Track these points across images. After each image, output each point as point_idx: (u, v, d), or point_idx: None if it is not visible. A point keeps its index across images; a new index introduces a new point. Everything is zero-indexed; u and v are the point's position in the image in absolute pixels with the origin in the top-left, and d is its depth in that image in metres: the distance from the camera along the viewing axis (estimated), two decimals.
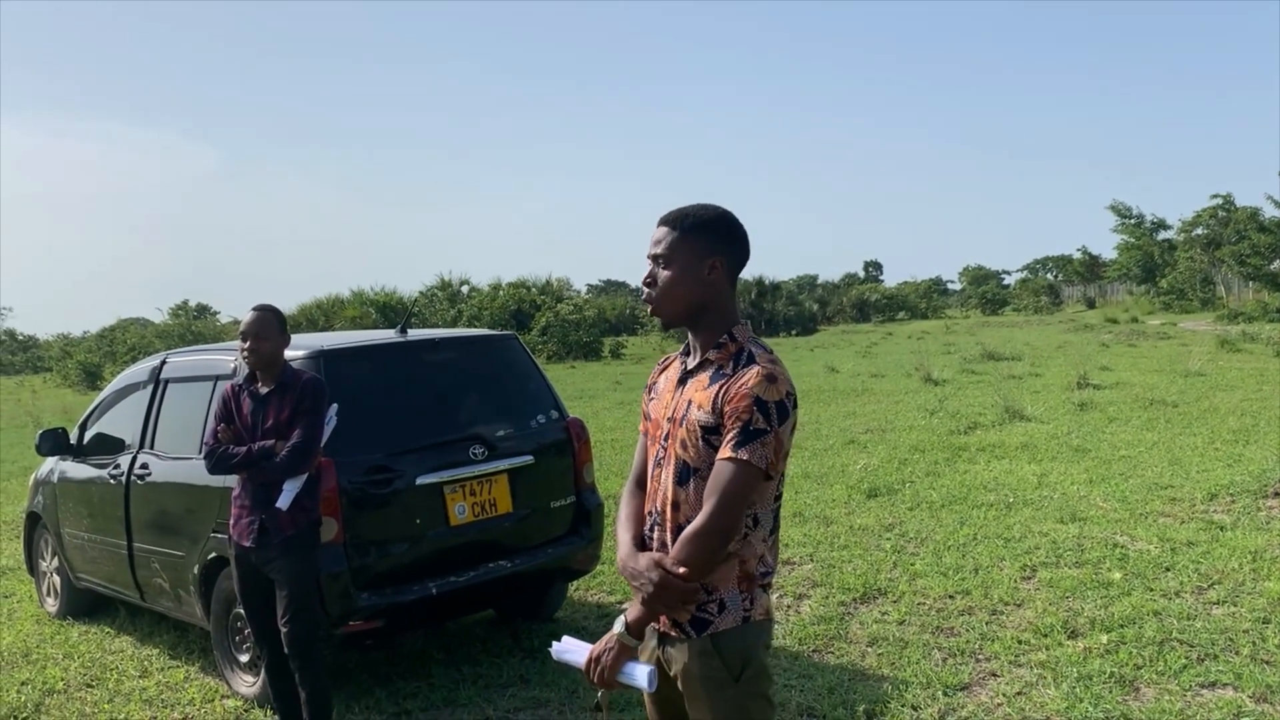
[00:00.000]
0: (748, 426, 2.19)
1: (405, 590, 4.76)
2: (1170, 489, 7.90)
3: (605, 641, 2.31)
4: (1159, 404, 12.62)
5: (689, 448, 2.29)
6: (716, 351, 2.33)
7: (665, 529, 2.33)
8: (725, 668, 2.26)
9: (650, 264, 2.37)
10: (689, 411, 2.30)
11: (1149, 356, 20.48)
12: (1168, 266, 46.79)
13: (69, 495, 6.45)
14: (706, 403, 2.26)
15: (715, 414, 2.24)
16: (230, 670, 5.13)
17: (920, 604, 5.62)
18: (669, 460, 2.34)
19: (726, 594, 2.27)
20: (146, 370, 6.14)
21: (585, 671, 2.32)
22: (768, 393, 2.20)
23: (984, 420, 12.19)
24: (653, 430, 2.45)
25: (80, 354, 49.11)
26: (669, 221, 2.36)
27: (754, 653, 2.29)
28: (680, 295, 2.33)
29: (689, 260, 2.32)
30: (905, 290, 67.38)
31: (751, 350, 2.30)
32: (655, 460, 2.40)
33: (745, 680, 2.26)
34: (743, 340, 2.33)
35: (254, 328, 4.21)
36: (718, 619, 2.27)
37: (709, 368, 2.32)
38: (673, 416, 2.35)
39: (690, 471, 2.28)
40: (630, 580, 2.31)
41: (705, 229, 2.34)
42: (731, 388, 2.23)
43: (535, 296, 42.38)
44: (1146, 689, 4.33)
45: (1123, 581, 5.70)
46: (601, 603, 6.21)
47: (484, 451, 5.09)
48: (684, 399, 2.34)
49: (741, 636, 2.27)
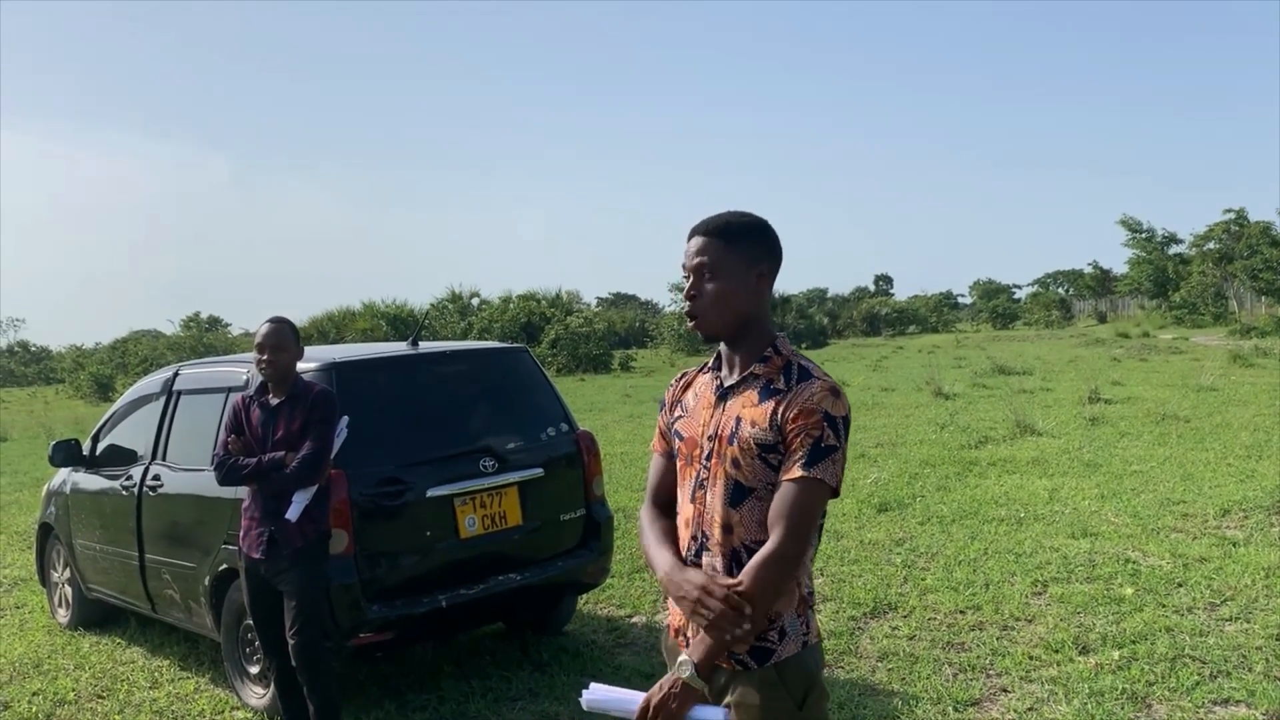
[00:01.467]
0: (819, 443, 2.11)
1: (415, 602, 4.76)
2: (1182, 504, 7.86)
3: (667, 687, 2.15)
4: (1171, 419, 12.57)
5: (742, 467, 2.18)
6: (762, 365, 2.23)
7: (715, 553, 2.21)
8: (790, 696, 2.16)
9: (692, 275, 2.25)
10: (739, 429, 2.19)
11: (1161, 371, 20.41)
12: (1180, 281, 46.65)
13: (81, 506, 6.47)
14: (763, 419, 2.16)
15: (775, 431, 2.15)
16: (240, 682, 5.14)
17: (931, 619, 5.60)
18: (715, 481, 2.22)
19: (788, 620, 2.18)
20: (159, 382, 6.17)
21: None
22: (835, 408, 2.14)
23: (995, 435, 12.15)
24: (688, 450, 2.31)
25: (92, 365, 49.29)
26: (712, 231, 2.25)
27: (815, 677, 2.21)
28: (731, 307, 2.23)
29: (737, 270, 2.22)
30: (916, 304, 67.26)
31: (802, 364, 2.22)
32: (695, 482, 2.27)
33: (808, 706, 2.18)
34: (788, 354, 2.25)
35: (272, 339, 4.23)
36: (780, 647, 2.17)
37: (755, 383, 2.23)
38: (716, 434, 2.24)
39: (746, 492, 2.18)
40: (674, 594, 2.19)
41: (750, 237, 2.26)
42: (794, 403, 2.14)
43: (545, 309, 42.42)
44: (1158, 705, 4.30)
45: (1135, 597, 5.67)
46: (611, 616, 6.21)
47: (494, 464, 5.10)
48: (728, 416, 2.23)
49: (803, 662, 2.19)
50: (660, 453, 2.45)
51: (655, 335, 50.03)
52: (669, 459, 2.42)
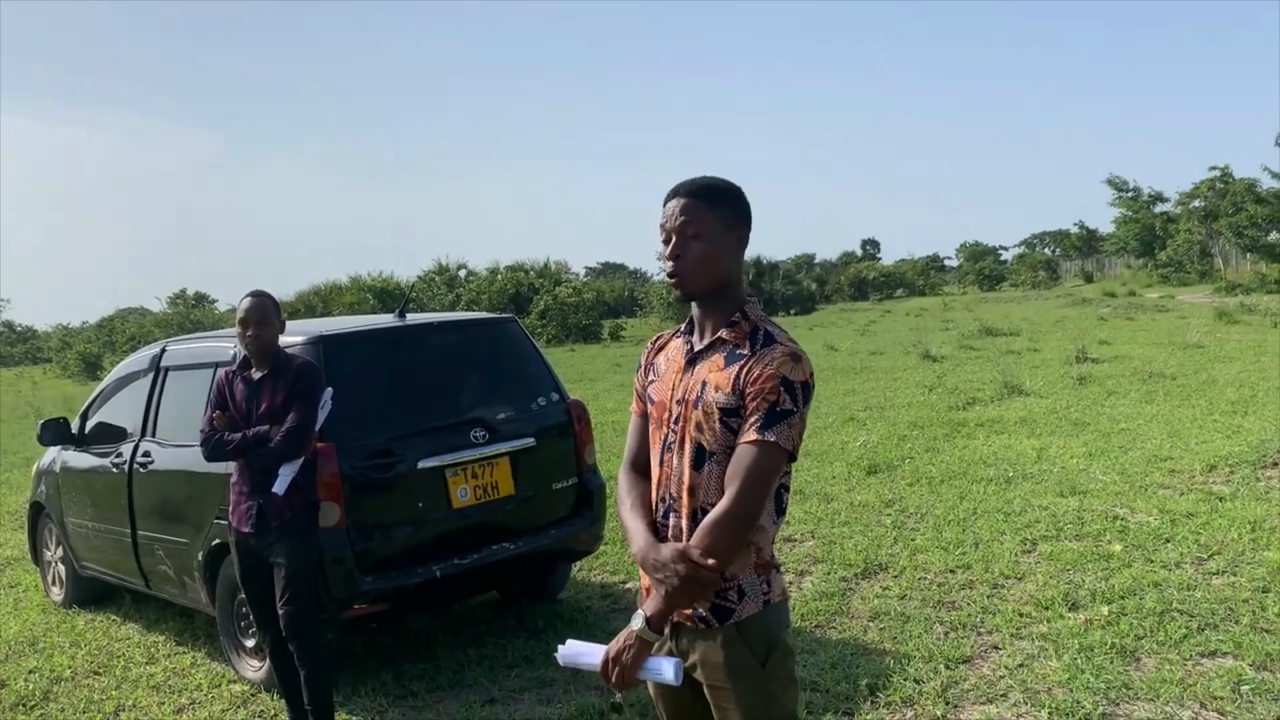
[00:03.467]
0: (775, 407, 2.14)
1: (409, 573, 4.78)
2: (1170, 461, 7.92)
3: (623, 639, 2.22)
4: (1158, 377, 12.64)
5: (705, 430, 2.22)
6: (730, 330, 2.26)
7: (681, 515, 2.26)
8: (751, 654, 2.22)
9: (675, 236, 2.26)
10: (704, 393, 2.23)
11: (1147, 329, 20.50)
12: (1166, 239, 46.72)
13: (72, 485, 6.46)
14: (726, 384, 2.20)
15: (736, 395, 2.18)
16: (236, 655, 5.16)
17: (921, 579, 5.64)
18: (682, 444, 2.27)
19: (745, 580, 2.23)
20: (147, 358, 6.15)
21: (602, 673, 2.23)
22: (794, 373, 2.16)
23: (983, 396, 12.21)
24: (658, 413, 2.36)
25: (80, 344, 49.12)
26: (695, 193, 2.27)
27: (778, 635, 2.25)
28: (713, 268, 2.25)
29: (719, 232, 2.25)
30: (903, 268, 67.21)
31: (768, 329, 2.25)
32: (664, 445, 2.32)
33: (771, 664, 2.23)
34: (756, 319, 2.28)
35: (256, 314, 4.21)
36: (739, 606, 2.22)
37: (722, 348, 2.26)
38: (684, 399, 2.28)
39: (707, 455, 2.22)
40: (652, 573, 2.22)
41: (731, 201, 2.29)
42: (754, 368, 2.17)
43: (534, 280, 42.34)
44: (1147, 659, 4.36)
45: (1123, 553, 5.73)
46: (605, 583, 6.24)
47: (485, 434, 5.10)
48: (695, 380, 2.27)
49: (764, 621, 2.24)
50: (638, 414, 2.49)
51: (645, 304, 50.02)
52: (644, 419, 2.45)
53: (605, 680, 2.24)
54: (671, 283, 2.31)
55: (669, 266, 2.29)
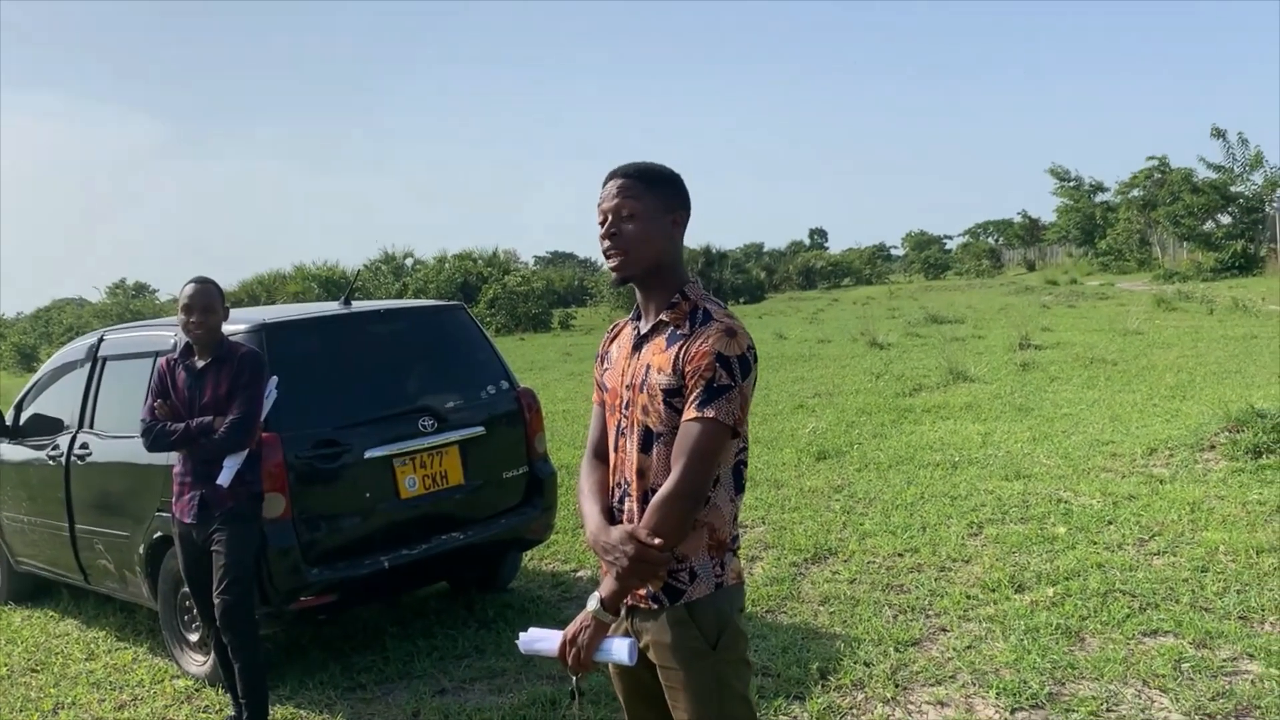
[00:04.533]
0: (711, 384, 2.16)
1: (357, 564, 4.72)
2: (1111, 445, 8.06)
3: (579, 622, 2.25)
4: (1099, 362, 12.85)
5: (651, 413, 2.25)
6: (670, 312, 2.28)
7: (634, 498, 2.28)
8: (701, 636, 2.22)
9: (611, 216, 2.28)
10: (648, 376, 2.26)
11: (1088, 317, 20.83)
12: (1106, 228, 47.52)
13: (6, 478, 6.29)
14: (666, 365, 2.22)
15: (676, 375, 2.21)
16: (180, 650, 5.06)
17: (870, 563, 5.69)
18: (632, 428, 2.29)
19: (697, 562, 2.24)
20: (84, 348, 5.99)
21: (560, 656, 2.26)
22: (729, 348, 2.17)
23: (929, 382, 12.33)
24: (611, 400, 2.39)
25: (14, 335, 47.92)
26: (631, 174, 2.29)
27: (729, 618, 2.26)
28: (648, 249, 2.26)
29: (655, 213, 2.27)
30: (850, 257, 67.68)
31: (707, 308, 2.27)
32: (618, 430, 2.35)
33: (722, 647, 2.24)
34: (696, 298, 2.29)
35: (201, 300, 4.11)
36: (690, 587, 2.23)
37: (664, 330, 2.28)
38: (631, 383, 2.31)
39: (654, 437, 2.24)
40: (602, 555, 2.25)
41: (667, 183, 2.31)
42: (691, 347, 2.19)
43: (482, 269, 42.05)
44: (1091, 639, 4.42)
45: (1067, 536, 5.82)
46: (556, 571, 6.22)
47: (434, 423, 5.05)
48: (641, 364, 2.29)
49: (715, 603, 2.24)
50: (598, 402, 2.51)
51: (595, 293, 49.91)
52: (604, 407, 2.47)
53: (563, 663, 2.26)
54: (608, 265, 2.31)
55: (604, 246, 2.30)
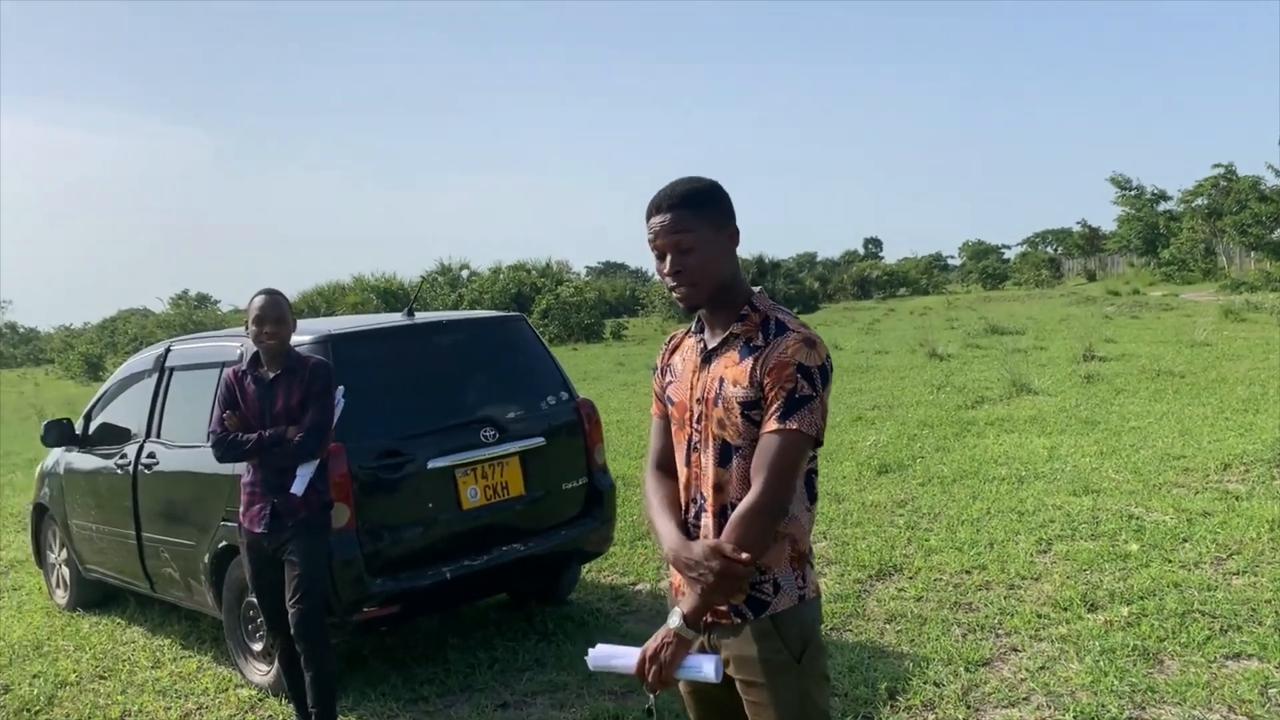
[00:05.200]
0: (793, 395, 2.13)
1: (419, 575, 4.71)
2: (1183, 459, 7.84)
3: (660, 639, 2.20)
4: (1166, 375, 12.55)
5: (728, 427, 2.21)
6: (741, 324, 2.24)
7: (710, 513, 2.24)
8: (786, 649, 2.19)
9: (670, 253, 2.22)
10: (722, 389, 2.21)
11: (1153, 328, 20.40)
12: (1170, 237, 46.55)
13: (76, 486, 6.40)
14: (743, 378, 2.18)
15: (755, 388, 2.17)
16: (244, 659, 5.09)
17: (936, 580, 5.57)
18: (706, 442, 2.25)
19: (780, 574, 2.21)
20: (151, 358, 6.07)
21: (638, 674, 2.21)
22: (809, 358, 2.15)
23: (991, 394, 12.13)
24: (679, 414, 2.35)
25: (82, 345, 49.16)
26: (679, 204, 2.22)
27: (813, 631, 2.24)
28: (714, 275, 2.23)
29: (712, 236, 2.23)
30: (906, 266, 67.01)
31: (779, 318, 2.23)
32: (689, 445, 2.31)
33: (806, 660, 2.20)
34: (765, 309, 2.25)
35: (273, 311, 4.15)
36: (774, 600, 2.20)
37: (735, 342, 2.24)
38: (703, 397, 2.26)
39: (732, 451, 2.21)
40: (685, 571, 2.20)
41: (714, 201, 2.26)
42: (770, 358, 2.16)
43: (535, 279, 42.34)
44: (1170, 661, 4.28)
45: (1140, 553, 5.65)
46: (615, 584, 6.17)
47: (495, 434, 5.04)
48: (713, 378, 2.25)
49: (799, 616, 2.21)
50: (658, 415, 2.47)
51: (646, 303, 49.94)
52: (666, 420, 2.44)
53: (641, 681, 2.21)
54: (675, 297, 2.28)
55: (670, 283, 2.26)
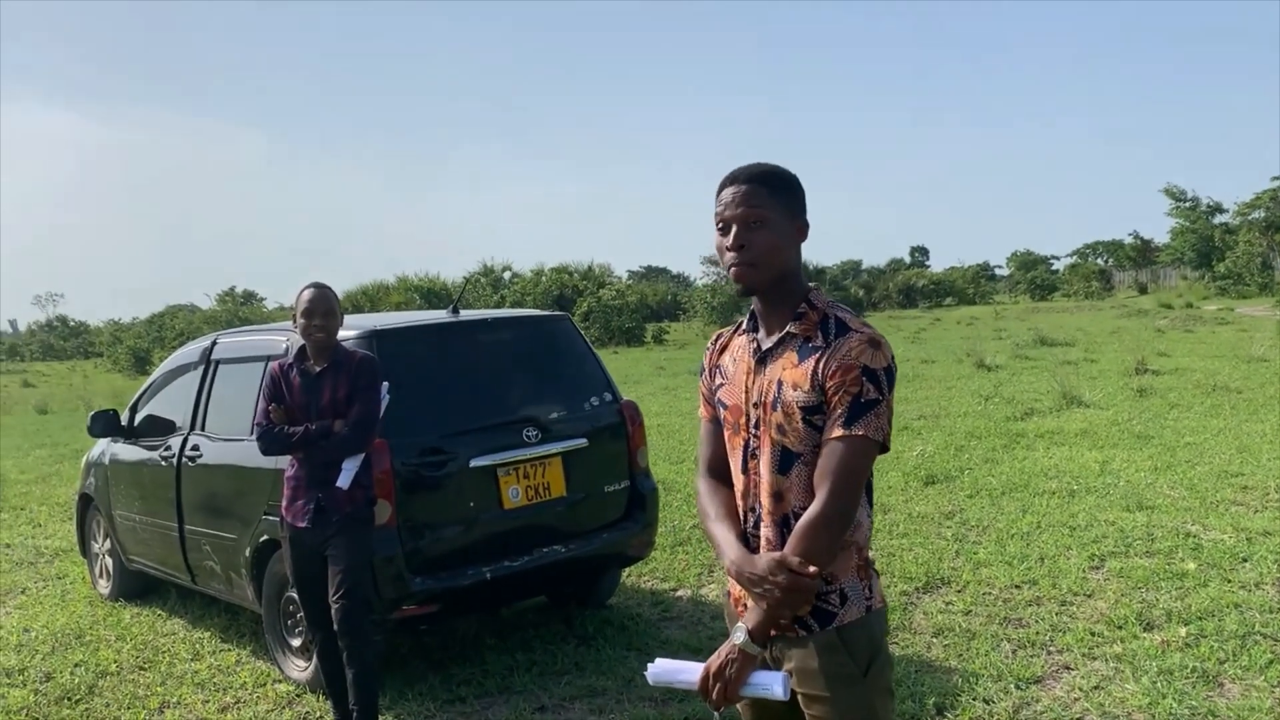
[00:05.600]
0: (859, 399, 2.02)
1: (459, 574, 4.66)
2: (1240, 477, 7.63)
3: (724, 654, 2.10)
4: (1222, 390, 12.26)
5: (788, 432, 2.09)
6: (799, 323, 2.12)
7: (769, 523, 2.13)
8: (853, 662, 2.08)
9: (737, 225, 2.10)
10: (781, 393, 2.10)
11: (1208, 342, 19.98)
12: (1225, 251, 45.62)
13: (120, 477, 6.43)
14: (803, 381, 2.07)
15: (816, 391, 2.06)
16: (282, 654, 5.07)
17: (985, 594, 5.43)
18: (764, 448, 2.14)
19: (847, 584, 2.11)
20: (197, 351, 6.09)
21: (701, 690, 2.11)
22: (874, 360, 2.04)
23: (1040, 406, 11.91)
24: (733, 418, 2.23)
25: (130, 339, 49.91)
26: (755, 179, 2.12)
27: (880, 643, 2.13)
28: (778, 258, 2.11)
29: (782, 220, 2.12)
30: (953, 276, 66.25)
31: (839, 316, 2.12)
32: (745, 451, 2.19)
33: (873, 674, 2.10)
34: (824, 307, 2.14)
35: (322, 305, 4.13)
36: (842, 611, 2.09)
37: (792, 342, 2.13)
38: (760, 401, 2.14)
39: (794, 458, 2.10)
40: (749, 586, 2.10)
41: (791, 189, 2.15)
42: (832, 360, 2.05)
43: (577, 282, 42.38)
44: (1231, 685, 4.12)
45: (1198, 572, 5.48)
46: (655, 589, 6.09)
47: (537, 434, 4.98)
48: (769, 380, 2.13)
49: (867, 627, 2.11)
50: (708, 418, 2.35)
51: (688, 308, 49.81)
52: (716, 424, 2.32)
53: (705, 698, 2.11)
54: (733, 274, 2.14)
55: (730, 258, 2.13)
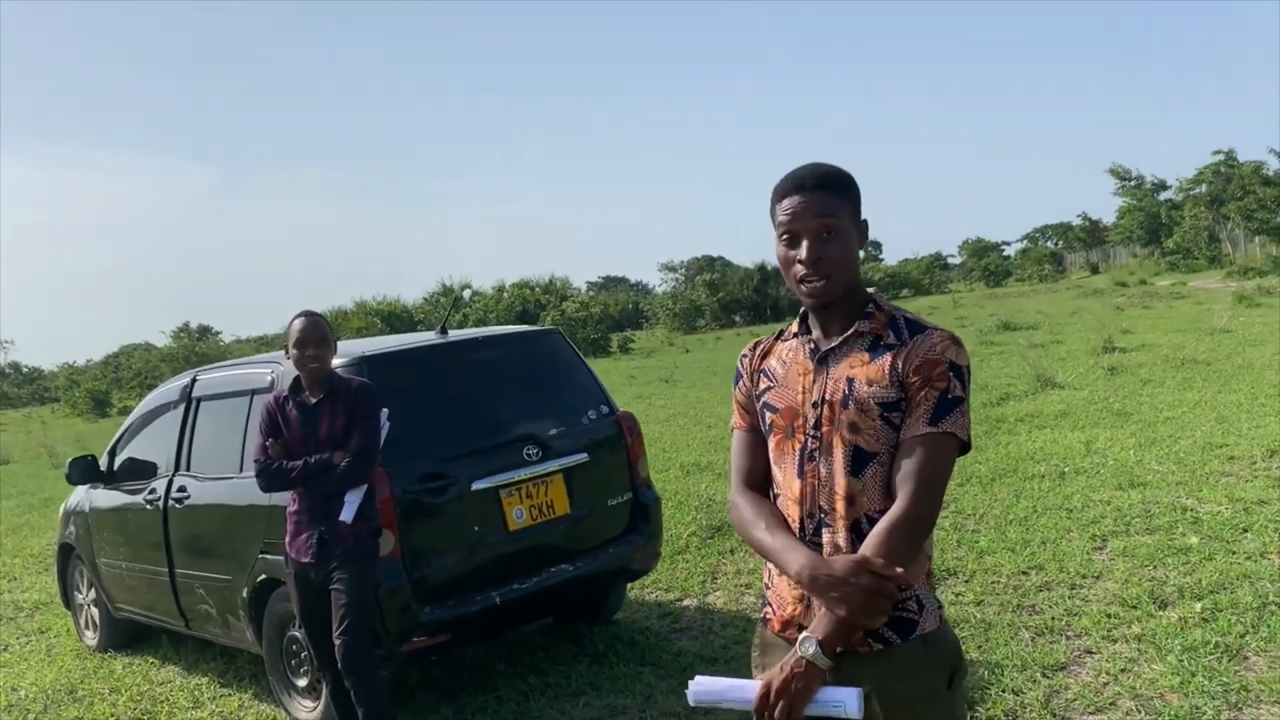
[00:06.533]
0: (945, 395, 1.96)
1: (468, 601, 4.55)
2: (1225, 447, 7.68)
3: (789, 669, 1.93)
4: (1191, 363, 12.39)
5: (863, 431, 2.00)
6: (867, 322, 2.06)
7: (837, 529, 2.02)
8: (939, 674, 1.98)
9: (809, 238, 2.02)
10: (853, 390, 2.01)
11: (1167, 317, 20.23)
12: (1172, 226, 46.43)
13: (103, 524, 6.24)
14: (880, 377, 2.00)
15: (896, 387, 1.98)
16: (288, 696, 4.93)
17: (994, 582, 5.41)
18: (832, 449, 2.03)
19: (921, 592, 2.00)
20: (176, 390, 5.93)
21: (758, 711, 1.95)
22: (959, 357, 2.00)
23: (1015, 390, 11.96)
24: (786, 421, 2.11)
25: (87, 382, 49.07)
26: (824, 185, 2.04)
27: (960, 652, 2.05)
28: (851, 269, 2.06)
29: (851, 227, 2.06)
30: (908, 267, 66.64)
31: (908, 316, 2.07)
32: (803, 454, 2.07)
33: (955, 684, 1.99)
34: (889, 308, 2.10)
35: (315, 334, 4.02)
36: (921, 619, 1.99)
37: (861, 340, 2.06)
38: (828, 400, 2.04)
39: (869, 458, 2.00)
40: (823, 591, 1.92)
41: (854, 190, 2.10)
42: (915, 355, 1.98)
43: (539, 296, 42.26)
44: (1256, 658, 4.11)
45: (1201, 546, 5.49)
46: (661, 601, 6.00)
47: (538, 451, 4.88)
48: (836, 379, 2.05)
49: (946, 636, 2.02)
50: (744, 427, 2.23)
51: (650, 316, 49.84)
52: (755, 433, 2.21)
53: (762, 718, 1.95)
54: (807, 290, 2.05)
55: (803, 272, 2.04)
